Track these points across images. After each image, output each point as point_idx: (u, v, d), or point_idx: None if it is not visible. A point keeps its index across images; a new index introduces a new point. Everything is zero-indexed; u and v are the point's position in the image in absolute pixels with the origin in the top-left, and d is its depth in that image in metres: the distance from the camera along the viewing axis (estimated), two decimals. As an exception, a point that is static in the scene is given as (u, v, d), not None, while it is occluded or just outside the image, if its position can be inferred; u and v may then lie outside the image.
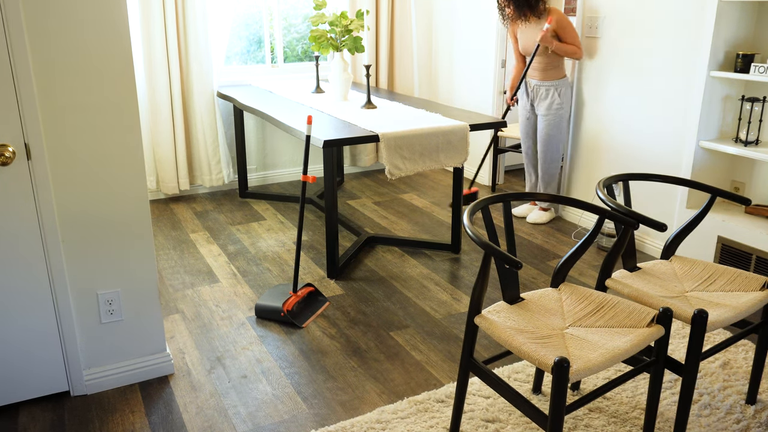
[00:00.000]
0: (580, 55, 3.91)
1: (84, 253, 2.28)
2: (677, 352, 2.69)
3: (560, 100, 4.01)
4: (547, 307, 2.06)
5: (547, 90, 4.03)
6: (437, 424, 2.25)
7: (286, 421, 2.30)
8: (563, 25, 3.85)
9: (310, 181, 2.93)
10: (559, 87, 4.01)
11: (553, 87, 4.01)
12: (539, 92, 4.07)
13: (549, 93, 4.02)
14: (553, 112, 4.02)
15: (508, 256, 1.86)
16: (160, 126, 4.47)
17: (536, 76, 4.05)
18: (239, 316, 3.03)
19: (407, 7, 5.18)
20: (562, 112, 4.03)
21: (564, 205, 4.36)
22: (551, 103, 4.03)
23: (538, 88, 4.07)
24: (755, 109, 3.19)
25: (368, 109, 3.80)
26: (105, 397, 2.41)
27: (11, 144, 2.06)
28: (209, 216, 4.38)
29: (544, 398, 2.41)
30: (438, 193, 4.90)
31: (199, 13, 4.36)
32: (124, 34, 2.13)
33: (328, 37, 3.87)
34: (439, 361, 2.67)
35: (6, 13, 1.95)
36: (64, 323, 2.31)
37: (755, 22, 3.23)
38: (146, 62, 4.33)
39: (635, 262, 2.34)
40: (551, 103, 4.03)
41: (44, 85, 2.07)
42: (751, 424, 2.25)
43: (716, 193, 2.39)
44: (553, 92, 4.01)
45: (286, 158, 5.19)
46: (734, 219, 3.22)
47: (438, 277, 3.45)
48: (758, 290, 2.15)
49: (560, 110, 4.02)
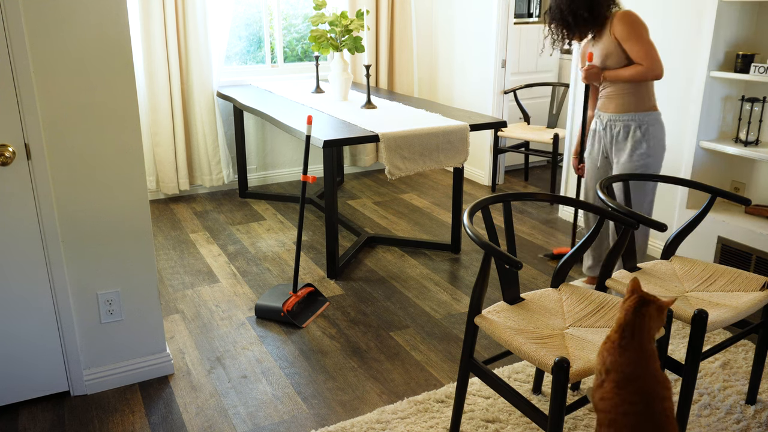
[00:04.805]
0: (650, 75, 2.72)
1: (84, 253, 2.28)
2: (677, 352, 2.69)
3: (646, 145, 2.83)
4: (547, 308, 2.06)
5: (627, 127, 2.85)
6: (437, 424, 2.25)
7: (286, 421, 2.29)
8: (625, 34, 2.71)
9: (310, 181, 2.93)
10: (644, 122, 2.83)
11: (634, 122, 2.84)
12: (614, 129, 2.89)
13: (630, 131, 2.85)
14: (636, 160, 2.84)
15: (508, 256, 1.86)
16: (160, 126, 4.47)
17: (609, 108, 2.89)
18: (239, 316, 3.03)
19: (407, 7, 5.18)
20: (650, 161, 2.85)
21: (564, 205, 4.36)
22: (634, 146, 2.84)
23: (613, 123, 2.89)
24: (755, 109, 3.19)
25: (368, 109, 3.80)
26: (105, 397, 2.41)
27: (11, 144, 2.06)
28: (209, 216, 4.38)
29: (544, 398, 2.41)
30: (438, 193, 4.90)
31: (199, 13, 4.36)
32: (124, 34, 2.13)
33: (328, 37, 3.87)
34: (439, 361, 2.67)
35: (6, 13, 1.95)
36: (64, 323, 2.31)
37: (755, 22, 3.23)
38: (146, 62, 4.33)
39: (635, 262, 2.34)
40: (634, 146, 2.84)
41: (44, 85, 2.07)
42: (751, 424, 2.25)
43: (716, 193, 2.39)
44: (635, 129, 2.84)
45: (286, 158, 5.19)
46: (734, 219, 3.22)
47: (438, 277, 3.45)
48: (758, 290, 2.15)
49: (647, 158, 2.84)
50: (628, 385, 1.59)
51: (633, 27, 2.70)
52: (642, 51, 2.70)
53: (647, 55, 2.70)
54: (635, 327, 1.62)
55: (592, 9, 2.72)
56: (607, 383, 1.62)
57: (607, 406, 1.61)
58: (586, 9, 2.72)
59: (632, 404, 1.58)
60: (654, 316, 1.63)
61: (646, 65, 2.70)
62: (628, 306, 1.64)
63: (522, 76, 5.27)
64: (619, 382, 1.60)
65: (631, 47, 2.72)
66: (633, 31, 2.70)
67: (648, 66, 2.70)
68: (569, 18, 2.76)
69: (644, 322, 1.62)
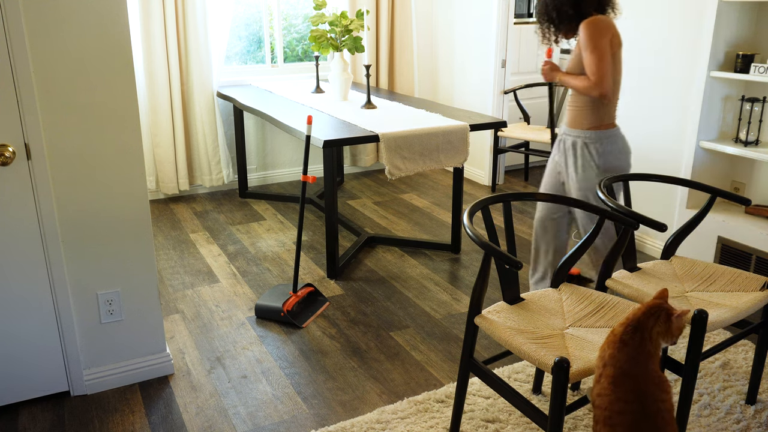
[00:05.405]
0: (594, 92, 2.57)
1: (84, 253, 2.28)
2: (677, 352, 2.69)
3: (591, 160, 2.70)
4: (547, 308, 2.06)
5: (574, 144, 2.74)
6: (437, 424, 2.25)
7: (286, 421, 2.29)
8: (583, 42, 2.57)
9: (310, 181, 2.93)
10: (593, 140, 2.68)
11: (580, 139, 2.71)
12: (566, 144, 2.79)
13: (577, 148, 2.73)
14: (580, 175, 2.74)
15: (508, 256, 1.86)
16: (160, 126, 4.47)
17: (565, 119, 2.80)
18: (239, 316, 3.03)
19: (407, 7, 5.18)
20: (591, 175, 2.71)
21: (564, 205, 4.36)
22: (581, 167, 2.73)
23: (565, 138, 2.79)
24: (755, 109, 3.19)
25: (368, 109, 3.80)
26: (105, 397, 2.41)
27: (11, 144, 2.06)
28: (209, 216, 4.38)
29: (544, 398, 2.41)
30: (438, 193, 4.90)
31: (199, 13, 4.36)
32: (124, 34, 2.13)
33: (328, 37, 3.87)
34: (439, 361, 2.67)
35: (6, 13, 1.95)
36: (64, 323, 2.31)
37: (755, 22, 3.23)
38: (146, 62, 4.33)
39: (635, 262, 2.34)
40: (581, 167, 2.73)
41: (44, 85, 2.07)
42: (751, 424, 2.25)
43: (716, 193, 2.39)
44: (582, 148, 2.71)
45: (286, 158, 5.19)
46: (734, 219, 3.22)
47: (438, 277, 3.45)
48: (758, 290, 2.15)
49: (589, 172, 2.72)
50: (623, 381, 1.59)
51: (591, 36, 2.53)
52: (592, 64, 2.53)
53: (596, 69, 2.52)
54: (639, 324, 1.63)
55: (577, 6, 2.59)
56: (603, 378, 1.62)
57: (604, 403, 1.61)
58: (571, 6, 2.60)
59: (627, 402, 1.58)
60: (661, 320, 1.63)
61: (592, 80, 2.54)
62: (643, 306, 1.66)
63: (522, 76, 5.27)
64: (614, 377, 1.60)
65: (585, 57, 2.56)
66: (590, 40, 2.53)
67: (593, 82, 2.54)
68: (554, 14, 2.65)
69: (649, 322, 1.63)
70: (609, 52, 2.55)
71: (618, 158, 2.70)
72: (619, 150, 2.71)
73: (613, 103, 2.68)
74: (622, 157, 2.72)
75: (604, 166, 2.68)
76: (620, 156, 2.71)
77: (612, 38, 2.56)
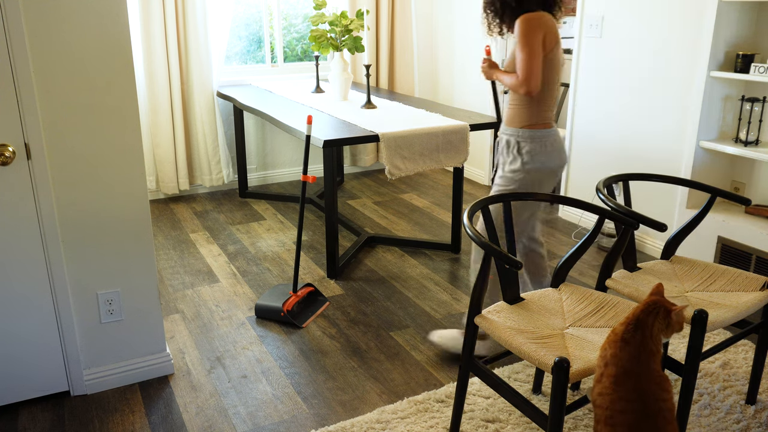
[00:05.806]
0: (520, 89, 2.47)
1: (84, 253, 2.28)
2: (677, 352, 2.69)
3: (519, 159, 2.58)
4: (547, 308, 2.06)
5: (508, 142, 2.63)
6: (437, 424, 2.25)
7: (286, 421, 2.29)
8: (516, 38, 2.48)
9: (310, 181, 2.93)
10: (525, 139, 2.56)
11: (513, 137, 2.60)
12: (502, 142, 2.68)
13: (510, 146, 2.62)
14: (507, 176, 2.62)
15: (508, 256, 1.86)
16: (160, 126, 4.47)
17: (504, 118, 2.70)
18: (239, 316, 3.03)
19: (407, 7, 5.18)
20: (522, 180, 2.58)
21: (564, 205, 4.36)
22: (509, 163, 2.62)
23: (501, 136, 2.69)
24: (755, 109, 3.19)
25: (368, 109, 3.80)
26: (105, 397, 2.41)
27: (11, 144, 2.06)
28: (209, 216, 4.38)
29: (544, 398, 2.41)
30: (438, 193, 4.90)
31: (199, 13, 4.36)
32: (124, 34, 2.13)
33: (328, 36, 3.87)
34: (439, 361, 2.67)
35: (6, 13, 1.95)
36: (64, 323, 2.31)
37: (755, 22, 3.23)
38: (146, 62, 4.33)
39: (635, 262, 2.34)
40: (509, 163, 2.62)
41: (44, 85, 2.07)
42: (751, 424, 2.25)
43: (716, 193, 2.39)
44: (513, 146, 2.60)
45: (286, 158, 5.19)
46: (734, 219, 3.22)
47: (438, 277, 3.45)
48: (758, 290, 2.15)
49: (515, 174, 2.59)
50: (625, 381, 1.59)
51: (524, 33, 2.43)
52: (522, 61, 2.44)
53: (524, 66, 2.43)
54: (640, 322, 1.63)
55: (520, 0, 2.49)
56: (605, 378, 1.62)
57: (605, 402, 1.61)
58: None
59: (629, 402, 1.58)
60: (661, 317, 1.63)
61: (520, 78, 2.45)
62: (641, 304, 1.66)
63: (522, 76, 5.27)
64: (616, 377, 1.60)
65: (516, 54, 2.48)
66: (522, 37, 2.43)
67: (521, 79, 2.45)
68: (498, 4, 2.56)
69: (649, 320, 1.63)
70: (540, 51, 2.45)
71: (550, 158, 2.59)
72: (550, 151, 2.59)
73: (548, 103, 2.57)
74: (554, 157, 2.60)
75: (533, 166, 2.57)
76: (552, 156, 2.59)
77: (546, 36, 2.46)
